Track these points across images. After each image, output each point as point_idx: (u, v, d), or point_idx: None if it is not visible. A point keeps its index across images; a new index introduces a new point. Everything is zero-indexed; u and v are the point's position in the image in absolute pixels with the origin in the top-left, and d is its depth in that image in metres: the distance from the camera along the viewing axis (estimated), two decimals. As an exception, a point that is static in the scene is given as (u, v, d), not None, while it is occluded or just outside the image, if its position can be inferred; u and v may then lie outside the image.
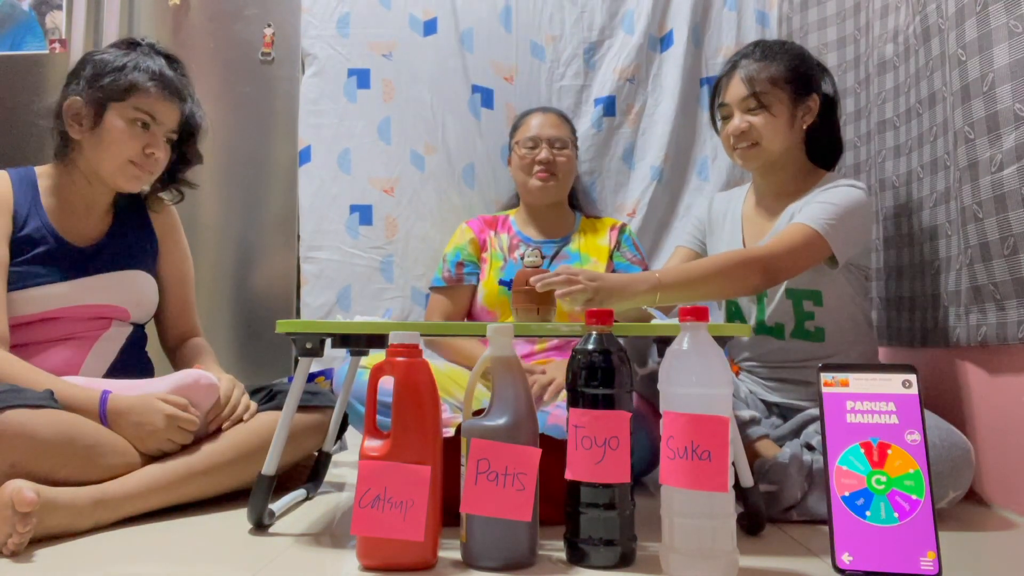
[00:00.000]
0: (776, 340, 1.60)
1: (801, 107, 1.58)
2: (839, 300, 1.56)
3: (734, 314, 1.68)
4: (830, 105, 1.63)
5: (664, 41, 2.36)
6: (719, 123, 1.66)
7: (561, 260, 1.92)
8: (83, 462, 1.22)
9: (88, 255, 1.49)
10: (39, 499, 1.06)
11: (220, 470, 1.33)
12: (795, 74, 1.57)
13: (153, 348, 1.64)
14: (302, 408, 1.38)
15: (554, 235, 1.98)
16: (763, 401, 1.62)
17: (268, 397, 1.50)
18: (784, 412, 1.59)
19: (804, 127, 1.59)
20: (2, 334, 1.35)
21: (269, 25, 2.30)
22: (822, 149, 1.65)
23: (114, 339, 1.51)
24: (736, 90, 1.58)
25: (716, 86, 1.66)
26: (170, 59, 1.53)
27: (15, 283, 1.41)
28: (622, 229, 2.00)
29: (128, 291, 1.53)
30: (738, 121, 1.58)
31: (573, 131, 2.03)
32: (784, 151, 1.59)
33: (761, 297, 1.61)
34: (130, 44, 1.52)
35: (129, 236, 1.58)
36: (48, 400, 1.23)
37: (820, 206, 1.48)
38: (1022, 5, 1.32)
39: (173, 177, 1.62)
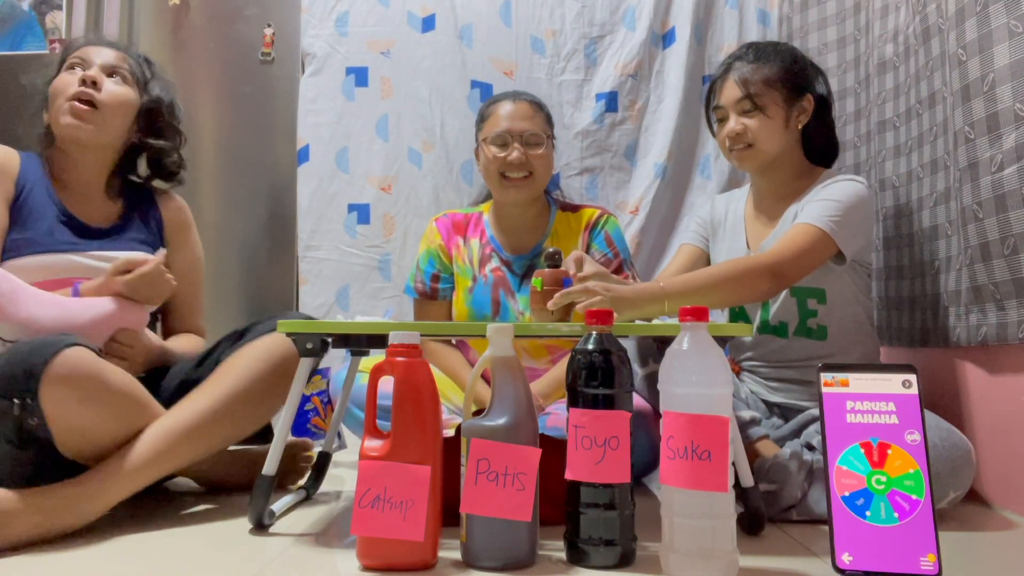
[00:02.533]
0: (779, 339, 1.61)
1: (796, 107, 1.57)
2: (843, 298, 1.56)
3: (738, 314, 1.68)
4: (825, 105, 1.63)
5: (667, 38, 2.36)
6: (715, 125, 1.66)
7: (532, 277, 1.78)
8: (128, 418, 1.20)
9: (97, 233, 1.49)
10: None
11: (202, 432, 1.25)
12: (789, 75, 1.57)
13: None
14: (252, 340, 1.36)
15: (526, 246, 1.77)
16: (764, 401, 1.62)
17: (237, 336, 1.44)
18: (785, 412, 1.59)
19: (799, 127, 1.59)
20: None
21: (269, 25, 2.30)
22: (819, 148, 1.65)
23: None
24: (730, 92, 1.58)
25: (710, 89, 1.66)
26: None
27: (24, 249, 1.40)
28: (596, 224, 1.77)
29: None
30: (733, 123, 1.58)
31: (548, 119, 1.78)
32: (780, 152, 1.59)
33: None
34: None
35: (137, 226, 1.57)
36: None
37: (822, 204, 1.47)
38: (1022, 5, 1.32)
39: (148, 153, 1.60)
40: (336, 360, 2.11)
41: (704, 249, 1.77)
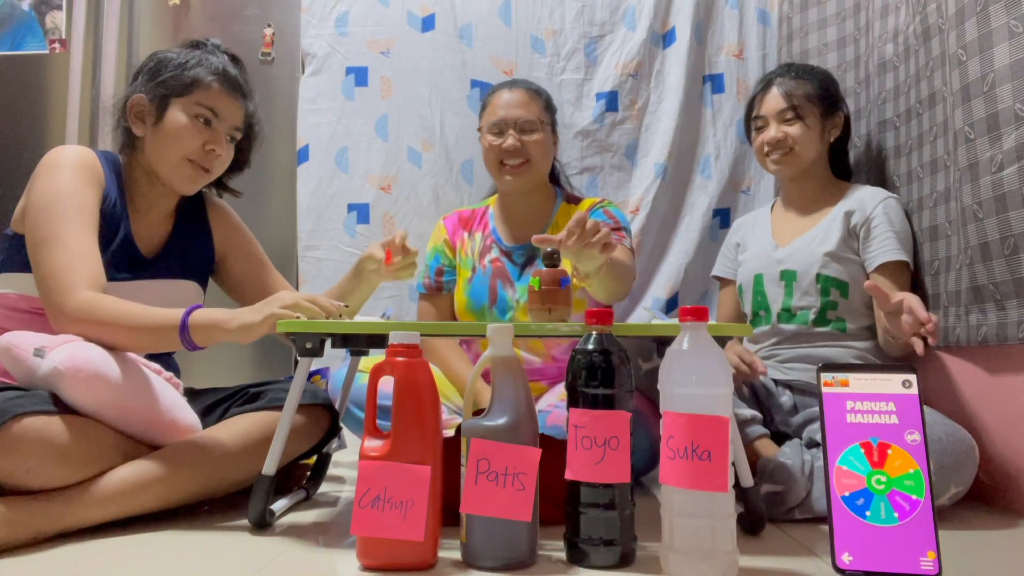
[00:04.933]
0: (800, 325, 1.67)
1: (830, 122, 1.73)
2: (861, 301, 1.64)
3: (759, 303, 1.74)
4: (848, 125, 1.79)
5: (667, 37, 2.36)
6: (753, 134, 1.80)
7: (533, 267, 1.77)
8: (100, 464, 1.18)
9: (148, 262, 1.45)
10: None
11: (182, 476, 1.23)
12: (826, 92, 1.73)
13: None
14: (277, 408, 1.32)
15: (527, 236, 1.77)
16: (774, 380, 1.66)
17: (248, 399, 1.43)
18: (796, 393, 1.64)
19: (831, 140, 1.75)
20: (98, 278, 1.28)
21: (269, 25, 2.30)
22: (839, 165, 1.80)
23: None
24: (773, 103, 1.72)
25: (751, 102, 1.81)
26: (233, 59, 1.51)
27: None
28: (595, 207, 1.80)
29: (172, 299, 1.47)
30: (774, 131, 1.71)
31: (547, 106, 1.83)
32: (814, 161, 1.73)
33: (790, 281, 1.69)
34: (194, 44, 1.50)
35: (188, 244, 1.54)
36: (59, 405, 1.18)
37: (894, 238, 1.61)
38: (1022, 5, 1.32)
39: (219, 181, 1.58)
40: (336, 360, 2.11)
41: (736, 279, 1.87)
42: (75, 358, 1.17)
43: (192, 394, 1.50)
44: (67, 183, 1.33)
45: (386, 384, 1.03)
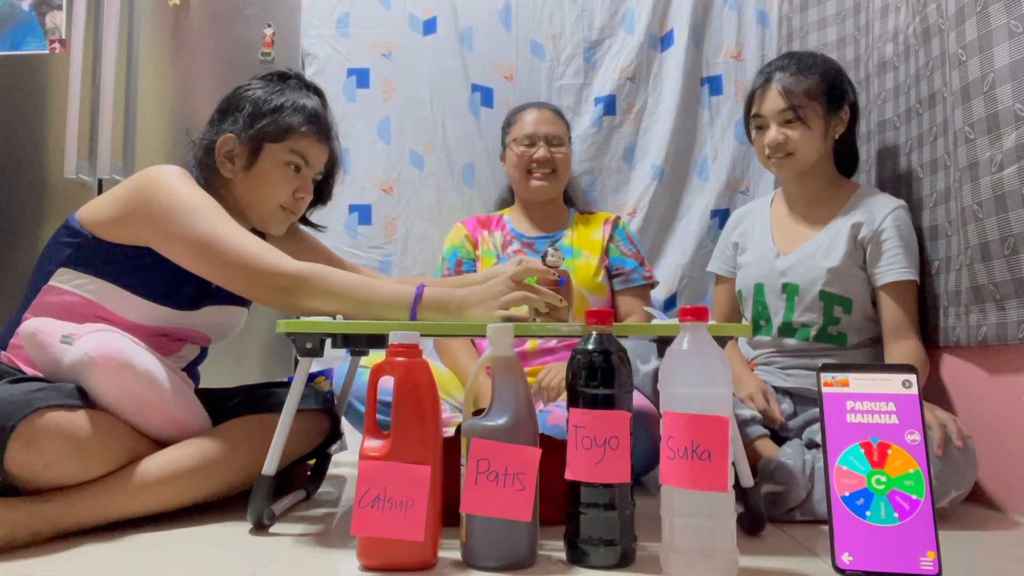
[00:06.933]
0: (801, 341, 1.65)
1: (834, 119, 1.65)
2: (864, 315, 1.63)
3: (760, 313, 1.72)
4: (855, 116, 1.70)
5: (665, 40, 2.36)
6: (753, 132, 1.72)
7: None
8: (111, 463, 1.18)
9: (206, 293, 1.42)
10: None
11: (183, 478, 1.23)
12: (830, 87, 1.63)
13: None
14: (273, 411, 1.31)
15: (547, 230, 2.01)
16: (775, 388, 1.65)
17: (252, 400, 1.43)
18: (796, 400, 1.63)
19: (836, 137, 1.66)
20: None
21: (269, 25, 2.29)
22: (846, 158, 1.73)
23: (179, 360, 1.46)
24: (773, 102, 1.63)
25: (750, 97, 1.72)
26: (318, 94, 1.50)
27: (141, 288, 1.33)
28: (615, 223, 2.03)
29: (221, 324, 1.48)
30: (775, 134, 1.63)
31: (568, 126, 2.07)
32: (817, 161, 1.66)
33: (792, 295, 1.66)
34: (281, 77, 1.48)
35: None
36: (82, 399, 1.17)
37: (903, 254, 1.57)
38: (1022, 5, 1.32)
39: (303, 217, 1.57)
40: (338, 360, 2.11)
41: (734, 277, 1.83)
42: (106, 346, 1.17)
43: (195, 394, 1.50)
44: (197, 194, 1.31)
45: (387, 381, 1.03)
